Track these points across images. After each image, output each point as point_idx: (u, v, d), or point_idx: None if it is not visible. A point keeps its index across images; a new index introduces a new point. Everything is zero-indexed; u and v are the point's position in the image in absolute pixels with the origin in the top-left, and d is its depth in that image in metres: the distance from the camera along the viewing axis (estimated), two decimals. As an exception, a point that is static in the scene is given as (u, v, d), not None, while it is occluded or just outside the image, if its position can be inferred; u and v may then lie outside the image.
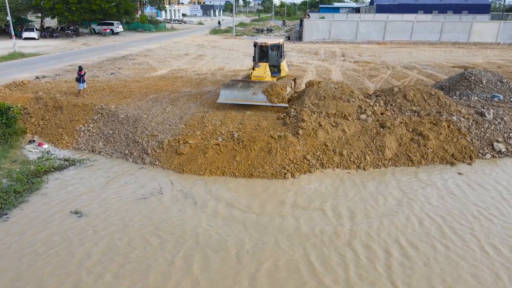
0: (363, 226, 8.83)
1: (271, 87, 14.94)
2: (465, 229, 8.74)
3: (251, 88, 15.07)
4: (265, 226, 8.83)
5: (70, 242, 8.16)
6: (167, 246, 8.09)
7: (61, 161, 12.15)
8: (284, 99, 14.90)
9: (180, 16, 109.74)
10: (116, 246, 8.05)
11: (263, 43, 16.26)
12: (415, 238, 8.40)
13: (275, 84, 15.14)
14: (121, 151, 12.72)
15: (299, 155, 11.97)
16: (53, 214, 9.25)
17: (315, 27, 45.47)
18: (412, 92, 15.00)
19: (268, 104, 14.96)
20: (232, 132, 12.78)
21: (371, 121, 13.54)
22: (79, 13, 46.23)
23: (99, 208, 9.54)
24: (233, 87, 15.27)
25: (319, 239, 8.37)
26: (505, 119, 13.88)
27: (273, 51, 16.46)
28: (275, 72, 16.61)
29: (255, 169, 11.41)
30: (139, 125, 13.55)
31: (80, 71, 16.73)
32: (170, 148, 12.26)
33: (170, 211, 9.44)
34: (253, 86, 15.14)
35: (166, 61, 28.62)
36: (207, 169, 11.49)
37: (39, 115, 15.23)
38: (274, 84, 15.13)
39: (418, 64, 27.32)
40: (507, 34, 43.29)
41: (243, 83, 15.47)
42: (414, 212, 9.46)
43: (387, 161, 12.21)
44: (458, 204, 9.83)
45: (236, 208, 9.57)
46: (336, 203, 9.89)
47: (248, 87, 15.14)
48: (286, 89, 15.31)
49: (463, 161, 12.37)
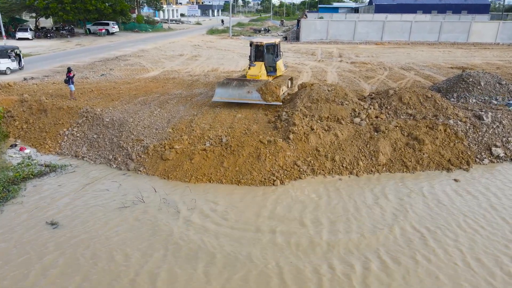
0: (343, 238, 8.35)
1: (265, 85, 14.89)
2: (450, 241, 8.28)
3: (245, 87, 15.05)
4: (240, 237, 8.37)
5: (37, 254, 7.71)
6: (134, 257, 7.65)
7: (42, 167, 11.66)
8: (278, 98, 14.79)
9: (178, 16, 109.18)
10: (81, 258, 7.64)
11: (258, 43, 16.25)
12: (397, 251, 7.92)
13: (269, 82, 15.10)
14: (105, 157, 12.24)
15: (289, 161, 11.49)
16: (28, 225, 8.77)
17: (313, 27, 44.95)
18: (408, 95, 14.52)
19: (263, 102, 14.85)
20: (221, 137, 12.32)
21: (365, 125, 13.07)
22: (74, 13, 45.64)
23: (76, 218, 9.05)
24: (228, 85, 15.25)
25: (293, 251, 7.92)
26: (503, 123, 13.41)
27: (269, 50, 16.41)
28: (271, 72, 16.60)
29: (243, 176, 10.93)
30: (125, 129, 13.06)
31: (69, 73, 16.23)
32: (156, 154, 11.79)
33: (149, 221, 8.96)
34: (248, 84, 15.16)
35: (159, 62, 28.12)
36: (193, 176, 11.01)
37: (23, 118, 14.74)
38: (269, 82, 15.09)
39: (415, 65, 26.84)
40: (506, 34, 42.79)
41: (238, 81, 15.45)
42: (399, 223, 8.93)
43: (381, 167, 11.73)
44: (445, 214, 9.32)
45: (212, 219, 9.08)
46: (317, 213, 9.35)
47: (243, 85, 15.15)
48: (280, 88, 15.23)
49: (460, 166, 11.88)
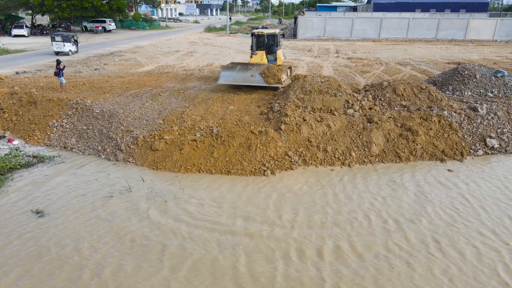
0: (313, 234, 7.91)
1: (267, 69, 15.98)
2: (418, 234, 7.93)
3: (249, 71, 16.12)
4: (205, 231, 7.94)
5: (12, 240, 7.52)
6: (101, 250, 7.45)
7: (29, 158, 11.48)
8: (279, 80, 15.75)
9: (177, 15, 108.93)
10: (47, 251, 7.39)
11: (260, 32, 17.54)
12: (362, 244, 7.56)
13: (271, 66, 16.21)
14: (94, 148, 12.05)
15: (281, 151, 11.31)
16: (12, 213, 8.59)
17: (310, 24, 44.80)
18: (402, 86, 14.35)
19: (265, 84, 15.86)
20: (212, 128, 12.13)
21: (358, 116, 12.89)
22: (70, 10, 45.43)
23: (62, 207, 8.86)
24: (232, 69, 16.32)
25: (255, 244, 7.56)
26: (498, 114, 13.24)
27: (269, 40, 17.60)
28: (272, 60, 17.68)
29: (233, 166, 10.75)
30: (114, 120, 12.87)
31: (58, 65, 16.07)
32: (145, 144, 11.61)
33: (130, 210, 8.77)
34: (251, 68, 16.22)
35: (154, 57, 27.94)
36: (182, 166, 10.82)
37: (13, 111, 14.55)
38: (271, 66, 16.21)
39: (412, 61, 26.69)
40: (504, 31, 42.70)
41: (241, 65, 16.48)
42: (371, 215, 8.57)
43: (373, 158, 11.56)
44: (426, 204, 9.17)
45: (197, 209, 8.89)
46: (296, 207, 8.93)
47: (246, 69, 16.20)
48: (282, 71, 16.16)
49: (454, 157, 11.72)
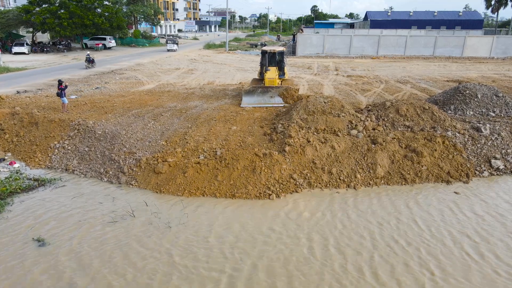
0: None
1: (286, 90, 17.53)
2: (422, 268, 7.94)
3: (268, 93, 17.57)
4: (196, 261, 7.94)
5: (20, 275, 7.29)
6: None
7: (30, 182, 11.30)
8: (297, 100, 16.89)
9: (176, 32, 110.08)
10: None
11: (271, 50, 19.04)
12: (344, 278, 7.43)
13: (289, 87, 17.73)
14: (96, 170, 11.90)
15: (285, 174, 11.20)
16: (12, 241, 8.38)
17: (309, 41, 45.27)
18: (405, 107, 14.36)
19: (286, 104, 17.13)
20: (215, 149, 12.04)
21: (362, 137, 12.84)
22: (71, 28, 45.78)
23: (64, 235, 8.67)
24: (253, 93, 17.66)
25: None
26: (502, 135, 13.22)
27: (279, 56, 19.08)
28: (281, 75, 19.00)
29: (237, 190, 10.61)
30: (117, 141, 12.77)
31: (60, 85, 16.00)
32: (148, 167, 11.47)
33: (135, 237, 8.60)
34: (270, 90, 17.61)
35: (155, 75, 28.01)
36: (186, 190, 10.68)
37: (14, 131, 14.42)
38: (289, 87, 17.72)
39: (411, 78, 26.86)
40: (500, 49, 43.25)
41: (261, 89, 17.78)
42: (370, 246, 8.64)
43: (379, 180, 11.45)
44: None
45: (203, 235, 8.74)
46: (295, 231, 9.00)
47: (266, 92, 17.60)
48: (298, 91, 18.11)
49: (459, 179, 11.63)
